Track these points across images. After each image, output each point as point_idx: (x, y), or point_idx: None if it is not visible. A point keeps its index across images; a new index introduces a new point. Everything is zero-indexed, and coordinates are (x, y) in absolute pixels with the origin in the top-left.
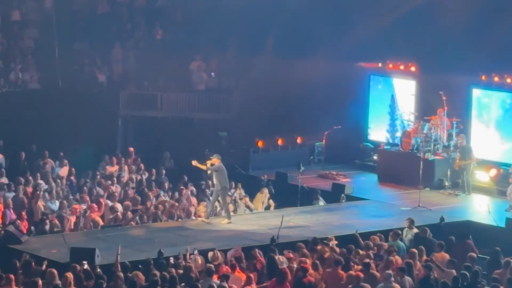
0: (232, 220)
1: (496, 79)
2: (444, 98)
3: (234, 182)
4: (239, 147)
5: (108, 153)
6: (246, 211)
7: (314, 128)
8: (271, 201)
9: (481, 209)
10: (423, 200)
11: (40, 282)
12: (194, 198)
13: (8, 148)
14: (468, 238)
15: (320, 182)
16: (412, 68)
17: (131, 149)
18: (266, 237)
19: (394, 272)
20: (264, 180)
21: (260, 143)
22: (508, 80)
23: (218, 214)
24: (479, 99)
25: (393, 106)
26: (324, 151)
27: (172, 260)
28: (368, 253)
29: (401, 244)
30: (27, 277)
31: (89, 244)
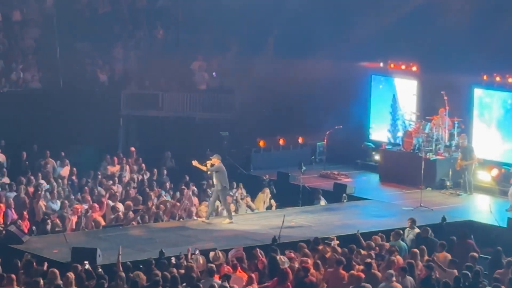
0: (233, 220)
1: (497, 79)
2: (445, 98)
3: (235, 182)
4: (240, 147)
5: (109, 152)
6: (247, 211)
7: (315, 128)
8: (272, 201)
9: (482, 209)
10: (424, 200)
11: (41, 282)
12: (195, 198)
13: (9, 148)
14: (470, 238)
15: (322, 182)
16: (414, 68)
17: (133, 148)
18: (267, 237)
19: (396, 272)
20: (266, 180)
21: (261, 143)
22: (510, 80)
23: (219, 214)
24: (480, 99)
25: (394, 106)
26: (325, 151)
27: (173, 260)
28: (369, 253)
29: (402, 244)
30: (28, 277)
31: (90, 244)
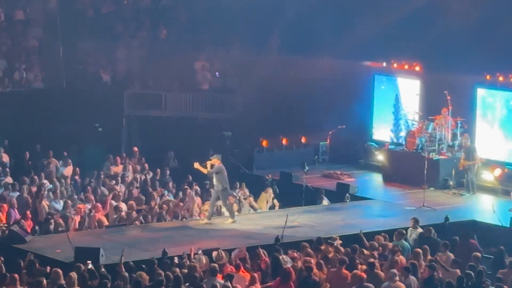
0: (236, 219)
1: (500, 78)
2: (448, 98)
3: (238, 182)
4: (243, 146)
5: (112, 152)
6: (250, 211)
7: (318, 128)
8: (275, 200)
9: (485, 208)
10: (427, 199)
11: (44, 281)
12: (198, 197)
13: (12, 148)
14: (473, 238)
15: (325, 181)
16: (417, 68)
17: (135, 148)
18: (270, 236)
19: (399, 272)
20: (269, 179)
21: (264, 143)
22: None
23: (222, 214)
24: (483, 99)
25: (397, 106)
26: (328, 150)
27: (176, 260)
28: (372, 253)
29: (405, 244)
30: (31, 277)
31: (93, 243)
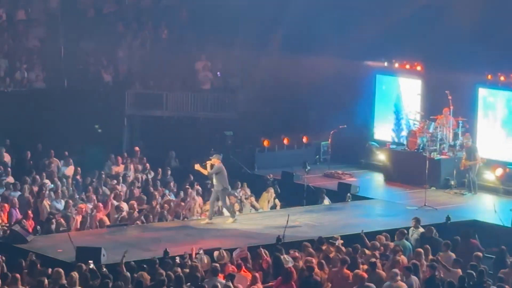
0: (236, 218)
1: (502, 78)
2: (449, 98)
3: (239, 182)
4: (244, 146)
5: (113, 152)
6: (251, 211)
7: (320, 128)
8: (276, 200)
9: (487, 208)
10: (429, 199)
11: (46, 281)
12: (200, 197)
13: (13, 148)
14: (474, 238)
15: (326, 181)
16: (418, 67)
17: (137, 148)
18: (271, 236)
19: (401, 271)
20: (270, 179)
21: (266, 143)
22: None
23: (223, 214)
24: (484, 98)
25: (398, 105)
26: (330, 150)
27: (178, 260)
28: (373, 253)
29: (407, 244)
30: (32, 278)
31: (95, 243)
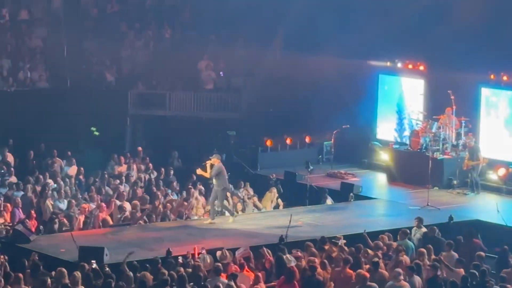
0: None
1: (504, 78)
2: (452, 97)
3: (242, 181)
4: (247, 146)
5: (116, 152)
6: (254, 211)
7: (322, 127)
8: (279, 200)
9: (490, 208)
10: (431, 199)
11: (49, 281)
12: (202, 197)
13: (16, 147)
14: (477, 237)
15: (329, 181)
16: (421, 67)
17: (140, 148)
18: (274, 236)
19: (404, 271)
20: (273, 179)
21: (268, 142)
22: None
23: (224, 213)
24: (487, 98)
25: (401, 105)
26: (332, 150)
27: (180, 259)
28: (376, 252)
29: (409, 243)
30: (35, 279)
31: (97, 243)
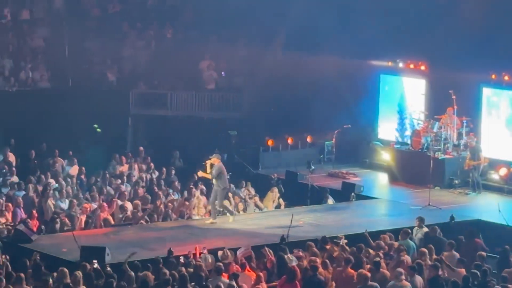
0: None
1: (506, 77)
2: (454, 97)
3: (244, 181)
4: (249, 146)
5: (118, 152)
6: (255, 210)
7: (324, 127)
8: (281, 200)
9: (491, 208)
10: (433, 199)
11: (51, 280)
12: (204, 197)
13: (18, 147)
14: (478, 237)
15: (330, 181)
16: (422, 67)
17: (141, 148)
18: (276, 236)
19: (405, 271)
20: (274, 179)
21: (270, 142)
22: None
23: (225, 214)
24: (488, 98)
25: (402, 105)
26: (334, 150)
27: (182, 259)
28: (378, 252)
29: (411, 243)
30: (37, 280)
31: (99, 243)
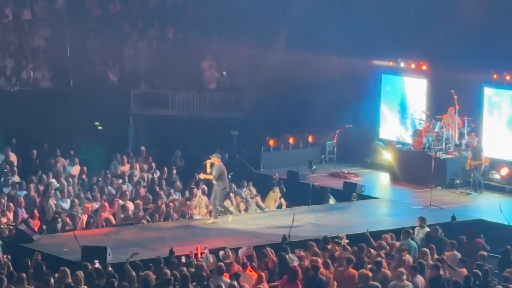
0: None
1: (507, 77)
2: (455, 97)
3: (245, 181)
4: (250, 145)
5: (119, 152)
6: (257, 210)
7: (325, 127)
8: (282, 200)
9: (492, 208)
10: (434, 199)
11: (52, 280)
12: (205, 197)
13: (19, 147)
14: (479, 237)
15: (332, 180)
16: (424, 67)
17: (143, 148)
18: (277, 235)
19: (407, 271)
20: (276, 179)
21: (271, 142)
22: None
23: (226, 214)
24: (490, 98)
25: (404, 105)
26: (335, 149)
27: (183, 259)
28: (379, 252)
29: (412, 243)
30: (38, 280)
31: (100, 242)
